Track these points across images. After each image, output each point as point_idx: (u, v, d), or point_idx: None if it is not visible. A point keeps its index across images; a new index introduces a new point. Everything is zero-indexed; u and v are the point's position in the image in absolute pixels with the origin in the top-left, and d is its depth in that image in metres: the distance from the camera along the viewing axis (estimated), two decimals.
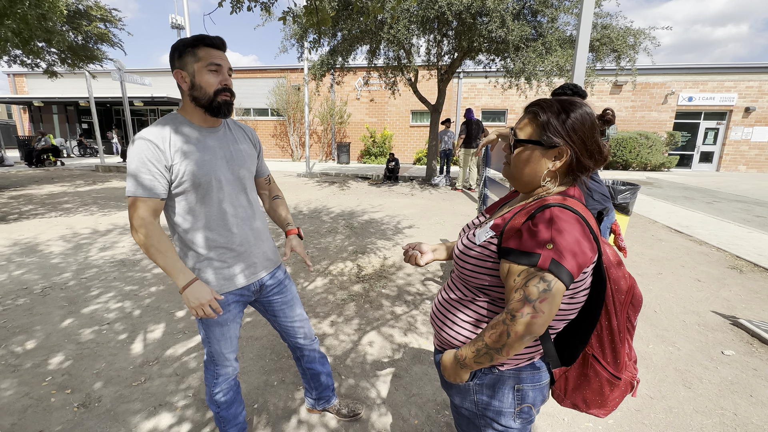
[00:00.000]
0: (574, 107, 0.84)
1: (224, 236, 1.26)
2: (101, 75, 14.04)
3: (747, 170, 14.15)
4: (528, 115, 0.89)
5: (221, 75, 1.18)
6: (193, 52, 1.16)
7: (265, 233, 1.42)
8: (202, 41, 1.16)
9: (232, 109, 1.25)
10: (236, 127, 1.37)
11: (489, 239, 0.87)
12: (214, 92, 1.17)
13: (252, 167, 1.37)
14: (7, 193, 7.77)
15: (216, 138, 1.25)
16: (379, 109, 15.65)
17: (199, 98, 1.18)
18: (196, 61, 1.16)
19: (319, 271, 3.68)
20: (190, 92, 1.18)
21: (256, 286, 1.38)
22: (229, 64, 1.22)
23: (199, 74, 1.16)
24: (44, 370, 2.11)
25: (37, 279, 3.38)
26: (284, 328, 1.53)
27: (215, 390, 1.43)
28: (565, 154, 0.84)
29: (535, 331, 0.76)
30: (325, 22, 2.47)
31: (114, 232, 4.95)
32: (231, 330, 1.35)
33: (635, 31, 7.10)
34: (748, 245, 4.59)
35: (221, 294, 1.26)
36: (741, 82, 13.50)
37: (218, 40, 1.19)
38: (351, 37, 7.93)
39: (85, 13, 8.44)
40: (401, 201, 7.44)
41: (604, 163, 0.87)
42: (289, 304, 1.50)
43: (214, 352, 1.37)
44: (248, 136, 1.40)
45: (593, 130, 0.84)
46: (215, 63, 1.16)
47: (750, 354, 2.37)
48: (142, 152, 1.11)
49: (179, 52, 1.17)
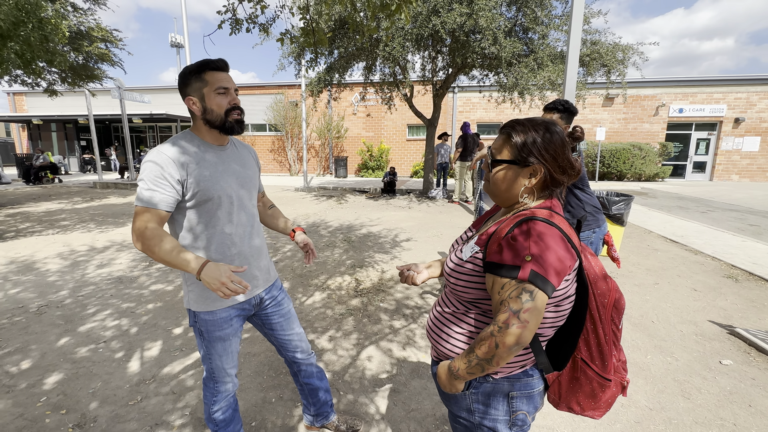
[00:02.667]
0: (544, 127, 0.90)
1: (227, 251, 1.29)
2: (101, 92, 14.21)
3: (740, 179, 14.34)
4: (502, 135, 0.95)
5: (229, 96, 1.23)
6: (200, 78, 1.21)
7: (264, 249, 1.46)
8: (207, 66, 1.21)
9: (244, 125, 1.30)
10: (241, 145, 1.43)
11: (474, 254, 0.91)
12: (225, 113, 1.23)
13: (255, 186, 1.42)
14: (4, 210, 7.76)
15: (225, 156, 1.31)
16: (375, 123, 15.86)
17: (212, 120, 1.23)
18: (204, 86, 1.21)
19: (317, 285, 3.68)
20: (202, 116, 1.23)
21: (256, 300, 1.40)
22: (234, 84, 1.27)
23: (208, 98, 1.21)
24: (39, 390, 2.09)
25: (33, 297, 3.36)
26: (281, 343, 1.53)
27: (214, 408, 1.42)
28: (539, 171, 0.89)
29: (522, 341, 0.79)
30: (321, 42, 2.55)
31: (111, 248, 4.94)
32: (232, 344, 1.37)
33: (624, 47, 7.32)
34: (742, 254, 4.63)
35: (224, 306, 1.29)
36: (729, 94, 13.81)
37: (221, 62, 1.24)
38: (347, 55, 8.11)
39: (86, 33, 8.62)
40: (399, 214, 7.48)
41: (577, 176, 0.93)
42: (287, 318, 1.51)
43: (214, 368, 1.37)
44: (252, 156, 1.46)
45: (563, 147, 0.90)
46: (223, 87, 1.22)
47: (748, 363, 2.38)
48: (157, 166, 1.15)
49: (187, 79, 1.22)
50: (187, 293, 1.32)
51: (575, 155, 0.95)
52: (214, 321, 1.30)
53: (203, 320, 1.31)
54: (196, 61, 1.26)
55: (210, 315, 1.30)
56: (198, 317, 1.31)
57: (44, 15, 5.21)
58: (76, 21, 8.32)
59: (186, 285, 1.32)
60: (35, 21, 5.04)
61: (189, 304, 1.32)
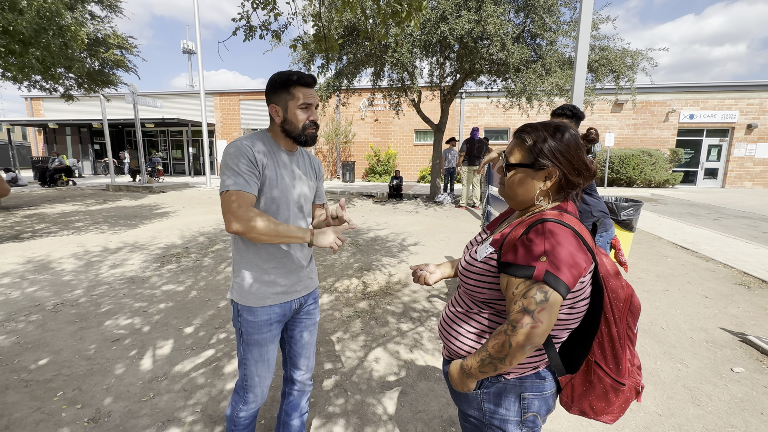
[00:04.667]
0: (559, 130, 0.91)
1: (282, 250, 1.33)
2: (115, 97, 14.55)
3: (753, 186, 14.10)
4: (516, 140, 0.96)
5: (309, 111, 1.30)
6: (288, 91, 1.26)
7: (311, 253, 1.49)
8: (297, 81, 1.26)
9: (317, 139, 1.37)
10: (306, 154, 1.48)
11: (489, 255, 0.92)
12: (303, 127, 1.29)
13: (311, 194, 1.46)
14: (21, 212, 7.96)
15: (293, 161, 1.37)
16: (383, 128, 15.96)
17: (290, 131, 1.30)
18: (291, 99, 1.27)
19: (325, 287, 3.71)
20: (281, 125, 1.30)
21: (296, 304, 1.42)
22: (317, 100, 1.33)
23: (291, 111, 1.28)
24: (55, 385, 2.15)
25: (49, 296, 3.45)
26: (294, 353, 1.50)
27: (239, 415, 1.41)
28: (554, 174, 0.90)
29: (536, 341, 0.79)
30: (332, 49, 2.61)
31: (124, 249, 5.04)
32: (270, 351, 1.37)
33: (633, 53, 7.29)
34: (755, 261, 4.55)
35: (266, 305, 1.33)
36: (741, 100, 13.63)
37: (311, 79, 1.28)
38: (356, 61, 8.22)
39: (103, 40, 8.86)
40: (406, 218, 7.50)
41: (592, 178, 0.93)
42: (310, 330, 1.51)
43: (248, 375, 1.36)
44: (314, 165, 1.51)
45: (578, 149, 0.90)
46: (306, 103, 1.28)
47: (760, 371, 2.34)
48: (241, 154, 1.21)
49: (275, 88, 1.28)
50: (233, 284, 1.35)
51: (590, 157, 0.95)
52: (255, 323, 1.32)
53: (245, 320, 1.32)
54: (284, 70, 1.31)
55: (251, 315, 1.31)
56: (241, 317, 1.33)
57: (64, 23, 5.39)
58: (94, 28, 8.57)
59: (234, 277, 1.35)
60: (56, 28, 5.22)
61: (233, 295, 1.35)
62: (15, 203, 9.16)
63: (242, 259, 1.32)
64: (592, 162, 0.93)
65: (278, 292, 1.34)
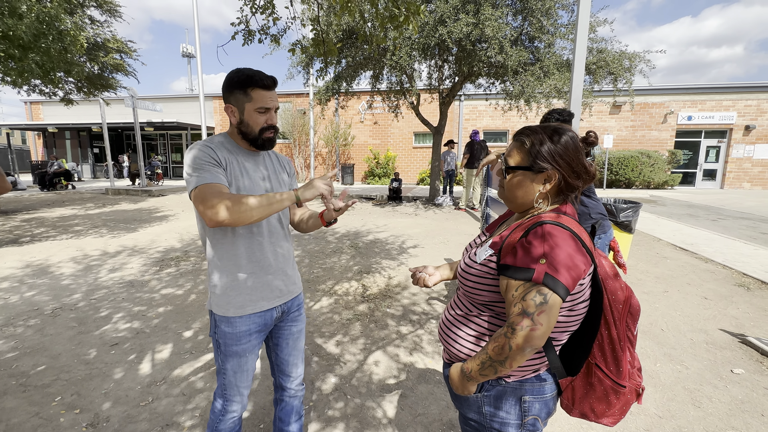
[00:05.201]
0: (558, 133, 0.90)
1: (257, 255, 1.28)
2: (114, 101, 14.58)
3: (752, 187, 14.13)
4: (516, 142, 0.95)
5: (268, 115, 1.24)
6: (246, 92, 1.20)
7: (291, 258, 1.42)
8: (256, 83, 1.20)
9: (275, 143, 1.32)
10: (273, 154, 1.44)
11: (488, 257, 0.92)
12: (260, 130, 1.24)
13: (286, 189, 1.41)
14: (20, 216, 7.95)
15: (256, 161, 1.32)
16: (382, 131, 15.99)
17: (246, 133, 1.25)
18: (248, 101, 1.21)
19: (325, 291, 3.71)
20: (237, 126, 1.25)
21: (278, 312, 1.36)
22: (276, 103, 1.26)
23: (247, 113, 1.22)
24: (54, 390, 2.14)
25: (47, 300, 3.44)
26: (280, 360, 1.45)
27: (219, 426, 1.36)
28: (554, 177, 0.90)
29: (535, 344, 0.79)
30: (331, 52, 2.62)
31: (123, 253, 5.03)
32: (249, 362, 1.32)
33: (630, 55, 7.33)
34: (755, 262, 4.56)
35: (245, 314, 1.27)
36: (739, 101, 13.69)
37: (270, 80, 1.22)
38: (355, 64, 8.24)
39: (102, 45, 8.89)
40: (405, 221, 7.50)
41: (591, 181, 0.93)
42: (295, 337, 1.45)
43: (227, 384, 1.32)
44: (283, 164, 1.46)
45: (577, 152, 0.90)
46: (264, 107, 1.22)
47: (760, 372, 2.34)
48: (205, 153, 1.17)
49: (232, 88, 1.22)
50: (210, 294, 1.30)
51: (589, 160, 0.95)
52: (233, 334, 1.26)
53: (222, 332, 1.27)
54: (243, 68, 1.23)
55: (229, 326, 1.26)
56: (218, 328, 1.28)
57: (64, 27, 5.41)
58: (93, 33, 8.60)
59: (210, 287, 1.29)
60: (55, 33, 5.24)
61: (210, 305, 1.30)
62: (14, 207, 9.15)
63: (217, 267, 1.26)
64: (591, 165, 0.93)
65: (257, 299, 1.28)
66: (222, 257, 1.25)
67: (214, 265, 1.27)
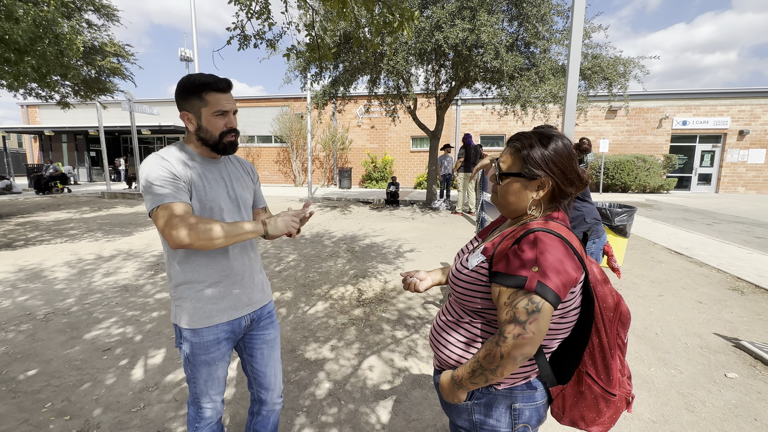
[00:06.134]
0: (552, 140, 0.90)
1: (222, 263, 1.24)
2: (111, 105, 14.56)
3: (746, 191, 14.25)
4: (509, 149, 0.95)
5: (226, 118, 1.21)
6: (200, 97, 1.17)
7: (258, 266, 1.39)
8: (209, 87, 1.17)
9: (237, 147, 1.28)
10: (235, 159, 1.40)
11: (480, 264, 0.92)
12: (220, 135, 1.21)
13: (247, 199, 1.37)
14: (15, 219, 7.90)
15: (218, 169, 1.28)
16: (379, 135, 16.04)
17: (206, 139, 1.21)
18: (203, 105, 1.17)
19: (320, 295, 3.69)
20: (196, 133, 1.21)
21: (247, 320, 1.33)
22: (234, 106, 1.23)
23: (205, 118, 1.19)
24: (44, 396, 2.12)
25: (40, 305, 3.41)
26: (256, 372, 1.41)
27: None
28: (547, 184, 0.89)
29: (527, 352, 0.79)
30: (326, 57, 2.64)
31: (118, 257, 5.00)
32: (219, 370, 1.28)
33: (625, 60, 7.41)
34: (748, 266, 4.58)
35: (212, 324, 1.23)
36: (733, 107, 13.84)
37: (224, 83, 1.19)
38: (352, 68, 8.28)
39: (99, 49, 8.90)
40: (402, 225, 7.50)
41: (584, 188, 0.93)
42: (270, 345, 1.41)
43: (198, 393, 1.28)
44: (246, 169, 1.43)
45: (571, 159, 0.90)
46: (221, 110, 1.19)
47: (753, 377, 2.35)
48: (162, 167, 1.13)
49: (185, 95, 1.18)
50: (174, 308, 1.25)
51: (582, 167, 0.95)
52: (200, 344, 1.22)
53: (190, 342, 1.23)
54: (195, 74, 1.20)
55: (196, 337, 1.22)
56: (185, 340, 1.24)
57: (60, 31, 5.41)
58: (90, 37, 8.61)
59: (174, 300, 1.25)
60: (51, 37, 5.24)
61: (176, 319, 1.25)
62: (9, 211, 9.09)
63: (180, 279, 1.22)
64: (585, 171, 0.92)
65: (224, 308, 1.25)
66: (186, 269, 1.21)
67: (178, 278, 1.22)
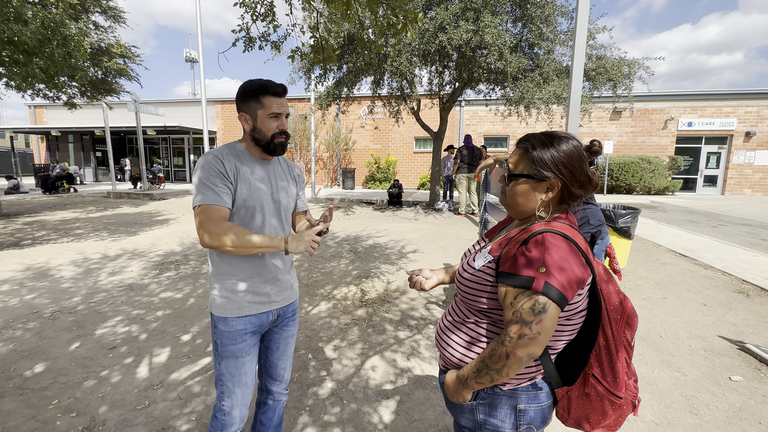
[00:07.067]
0: (562, 141, 0.90)
1: (256, 260, 1.32)
2: (117, 105, 14.69)
3: (753, 193, 14.11)
4: (519, 150, 0.95)
5: (279, 120, 1.30)
6: (258, 99, 1.27)
7: (290, 263, 1.47)
8: (267, 90, 1.27)
9: (287, 148, 1.38)
10: (284, 162, 1.49)
11: (487, 264, 0.92)
12: (272, 136, 1.30)
13: (290, 202, 1.44)
14: (22, 219, 7.99)
15: (267, 170, 1.37)
16: (383, 136, 16.06)
17: (259, 139, 1.31)
18: (260, 107, 1.27)
19: (323, 295, 3.71)
20: (251, 133, 1.31)
21: (273, 315, 1.39)
22: (287, 110, 1.33)
23: (260, 120, 1.28)
24: (51, 393, 2.14)
25: (47, 303, 3.45)
26: (270, 364, 1.48)
27: None
28: (556, 186, 0.89)
29: (533, 352, 0.79)
30: (330, 59, 2.65)
31: (123, 257, 5.05)
32: (246, 365, 1.33)
33: (629, 61, 7.38)
34: (754, 269, 4.55)
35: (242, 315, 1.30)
36: (739, 108, 13.72)
37: (281, 88, 1.29)
38: (356, 69, 8.31)
39: (106, 50, 8.99)
40: (405, 226, 7.51)
41: (594, 190, 0.93)
42: (286, 341, 1.48)
43: (224, 393, 1.32)
44: (293, 173, 1.50)
45: (581, 161, 0.89)
46: (275, 112, 1.29)
47: (758, 380, 2.33)
48: (212, 167, 1.22)
49: (245, 97, 1.28)
50: (211, 297, 1.33)
51: (592, 168, 0.95)
52: (229, 333, 1.30)
53: (220, 331, 1.31)
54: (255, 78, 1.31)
55: (226, 326, 1.30)
56: (216, 328, 1.32)
57: (68, 33, 5.48)
58: (98, 38, 8.70)
59: (211, 289, 1.34)
60: (59, 38, 5.30)
61: (210, 307, 1.34)
62: (16, 210, 9.19)
63: (217, 270, 1.31)
64: (594, 174, 0.92)
65: (254, 302, 1.32)
66: (224, 262, 1.30)
67: (216, 269, 1.32)
